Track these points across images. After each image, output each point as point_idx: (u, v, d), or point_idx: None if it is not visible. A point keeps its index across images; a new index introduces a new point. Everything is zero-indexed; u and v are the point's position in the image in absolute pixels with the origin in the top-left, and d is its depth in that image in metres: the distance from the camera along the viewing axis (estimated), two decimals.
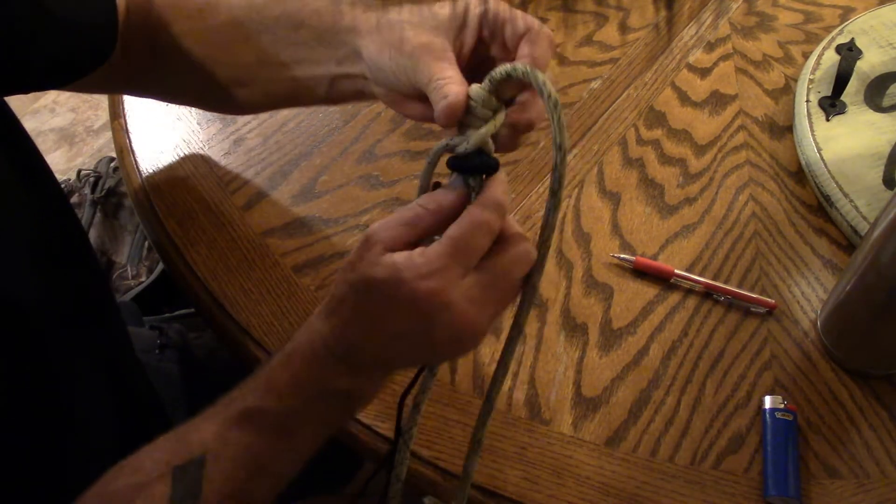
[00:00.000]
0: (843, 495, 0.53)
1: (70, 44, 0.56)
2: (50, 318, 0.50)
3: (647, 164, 0.72)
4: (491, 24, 0.48)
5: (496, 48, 0.49)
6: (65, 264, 0.55)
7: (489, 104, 0.44)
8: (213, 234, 0.65)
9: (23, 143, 0.54)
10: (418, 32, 0.48)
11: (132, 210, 1.16)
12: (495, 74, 0.43)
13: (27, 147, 0.54)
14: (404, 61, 0.48)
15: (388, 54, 0.49)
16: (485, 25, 0.48)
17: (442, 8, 0.49)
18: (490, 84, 0.43)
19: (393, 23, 0.50)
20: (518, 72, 0.42)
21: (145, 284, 1.10)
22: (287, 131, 0.73)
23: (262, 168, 0.70)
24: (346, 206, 0.68)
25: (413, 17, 0.49)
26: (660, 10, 0.88)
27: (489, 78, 0.43)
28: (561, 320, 0.61)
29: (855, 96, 0.75)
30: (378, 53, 0.50)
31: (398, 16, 0.50)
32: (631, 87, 0.79)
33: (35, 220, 0.52)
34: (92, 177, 1.25)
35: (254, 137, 0.73)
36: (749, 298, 0.62)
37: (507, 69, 0.43)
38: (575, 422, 0.56)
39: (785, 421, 0.55)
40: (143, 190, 0.68)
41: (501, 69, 0.43)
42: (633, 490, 0.52)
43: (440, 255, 0.41)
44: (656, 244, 0.66)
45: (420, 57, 0.47)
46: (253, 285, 0.62)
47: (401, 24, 0.49)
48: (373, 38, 0.51)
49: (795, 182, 0.71)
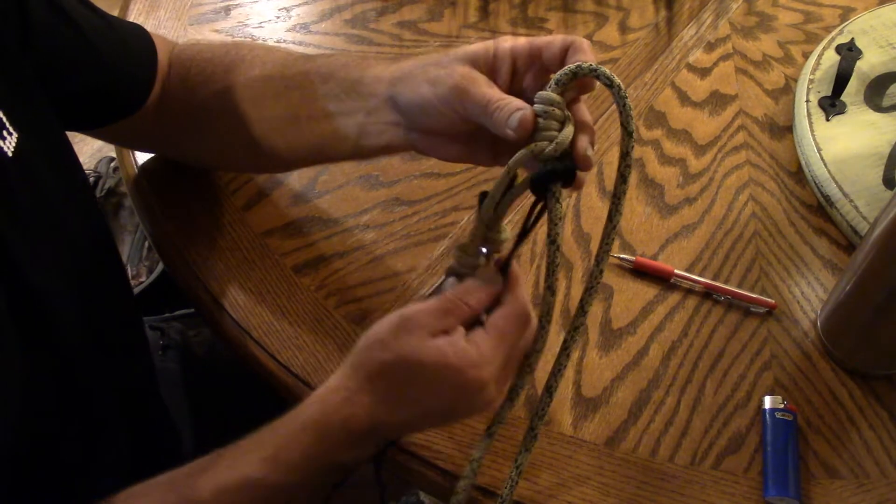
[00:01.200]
0: (842, 495, 0.52)
1: (109, 86, 0.57)
2: (72, 310, 0.51)
3: (647, 164, 0.72)
4: (524, 54, 0.48)
5: (530, 77, 0.49)
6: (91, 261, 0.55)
7: (559, 106, 0.44)
8: (213, 234, 0.65)
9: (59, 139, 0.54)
10: (455, 68, 0.48)
11: (132, 210, 1.16)
12: (561, 76, 0.44)
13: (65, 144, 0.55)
14: (449, 94, 0.48)
15: (431, 91, 0.49)
16: (517, 57, 0.48)
17: (470, 45, 0.50)
18: (557, 86, 0.44)
19: (426, 65, 0.50)
20: (584, 69, 0.43)
21: (145, 284, 1.10)
22: None
23: None
24: (346, 206, 0.68)
25: (444, 56, 0.50)
26: (660, 10, 0.88)
27: (555, 81, 0.44)
28: (561, 320, 0.61)
29: (855, 96, 0.75)
30: (417, 95, 0.50)
31: (428, 58, 0.50)
32: (631, 87, 0.79)
33: (68, 214, 0.52)
34: (92, 177, 1.25)
35: None
36: (749, 298, 0.62)
37: (572, 68, 0.43)
38: (575, 422, 0.56)
39: (785, 421, 0.54)
40: (143, 190, 0.68)
41: (566, 70, 0.43)
42: (633, 490, 0.52)
43: (491, 348, 0.45)
44: (656, 244, 0.66)
45: (467, 87, 0.47)
46: (253, 285, 0.62)
47: (435, 65, 0.50)
48: (407, 83, 0.51)
49: (795, 182, 0.71)
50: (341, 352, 0.58)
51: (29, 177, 0.47)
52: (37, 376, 0.47)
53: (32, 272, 0.46)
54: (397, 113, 0.52)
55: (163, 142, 0.66)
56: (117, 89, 0.58)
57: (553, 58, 0.47)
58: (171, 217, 0.66)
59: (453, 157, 0.52)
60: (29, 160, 0.47)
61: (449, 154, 0.53)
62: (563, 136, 0.44)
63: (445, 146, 0.52)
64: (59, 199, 0.51)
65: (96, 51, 0.55)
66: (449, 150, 0.52)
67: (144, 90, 0.59)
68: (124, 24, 0.59)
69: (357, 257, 0.64)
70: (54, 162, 0.51)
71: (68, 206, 0.52)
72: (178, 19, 0.82)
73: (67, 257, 0.51)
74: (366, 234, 0.65)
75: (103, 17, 0.57)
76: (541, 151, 0.44)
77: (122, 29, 0.59)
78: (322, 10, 0.85)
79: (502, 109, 0.45)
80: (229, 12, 0.84)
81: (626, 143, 0.44)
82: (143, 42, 0.60)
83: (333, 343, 0.59)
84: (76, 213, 0.54)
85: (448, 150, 0.52)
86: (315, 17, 0.84)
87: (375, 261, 0.64)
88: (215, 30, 0.82)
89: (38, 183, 0.49)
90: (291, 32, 0.82)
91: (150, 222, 0.66)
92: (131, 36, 0.59)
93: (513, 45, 0.48)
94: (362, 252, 0.64)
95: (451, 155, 0.52)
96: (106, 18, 0.57)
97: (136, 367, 0.64)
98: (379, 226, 0.66)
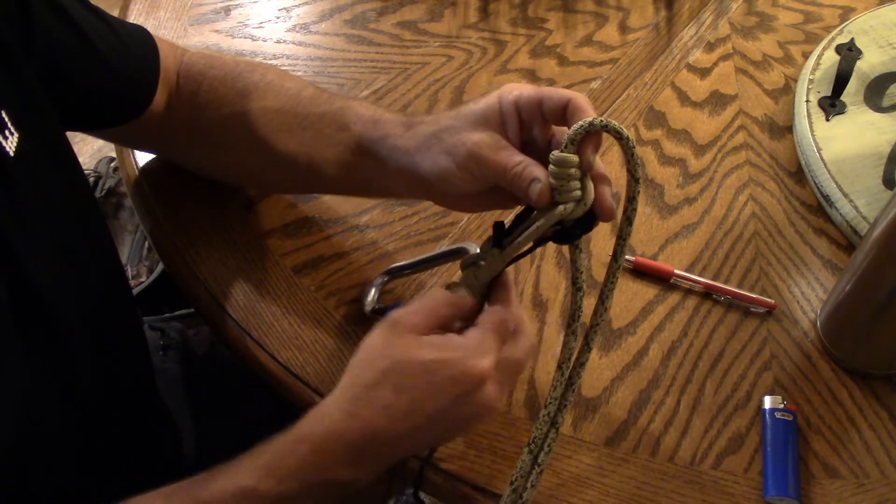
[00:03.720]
0: (842, 495, 0.52)
1: (110, 89, 0.57)
2: (72, 309, 0.51)
3: (647, 164, 0.72)
4: (526, 106, 0.49)
5: (537, 129, 0.50)
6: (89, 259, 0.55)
7: (576, 165, 0.45)
8: (213, 234, 0.65)
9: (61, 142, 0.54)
10: (467, 133, 0.50)
11: (132, 210, 1.16)
12: (574, 134, 0.45)
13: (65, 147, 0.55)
14: (466, 162, 0.49)
15: (449, 161, 0.50)
16: (522, 110, 0.49)
17: (476, 103, 0.50)
18: (572, 145, 0.45)
19: (439, 132, 0.51)
20: (596, 125, 0.44)
21: (145, 284, 1.10)
22: None
23: None
24: (346, 206, 0.68)
25: (455, 122, 0.51)
26: (660, 10, 0.88)
27: (569, 140, 0.45)
28: (561, 320, 0.61)
29: (855, 96, 0.75)
30: (436, 165, 0.51)
31: (439, 124, 0.51)
32: (631, 88, 0.79)
33: (64, 212, 0.52)
34: (92, 177, 1.25)
35: None
36: (749, 299, 0.62)
37: (584, 126, 0.44)
38: (575, 422, 0.56)
39: (785, 421, 0.54)
40: (143, 190, 0.68)
41: (578, 128, 0.45)
42: (632, 490, 0.52)
43: (483, 340, 0.45)
44: (656, 244, 0.66)
45: (482, 154, 0.49)
46: (253, 285, 0.62)
47: (447, 131, 0.51)
48: (426, 155, 0.52)
49: (795, 182, 0.71)
50: (341, 352, 0.58)
51: (30, 176, 0.47)
52: (36, 375, 0.47)
53: (34, 270, 0.46)
54: (417, 178, 0.53)
55: (166, 148, 0.66)
56: (119, 93, 0.58)
57: (552, 112, 0.48)
58: (171, 217, 0.66)
59: (475, 209, 0.54)
60: (30, 160, 0.47)
61: (470, 207, 0.56)
62: (587, 196, 0.46)
63: (466, 202, 0.54)
64: (60, 199, 0.51)
65: (98, 54, 0.55)
66: (469, 204, 0.54)
67: (147, 94, 0.59)
68: (127, 27, 0.59)
69: (357, 257, 0.64)
70: (55, 163, 0.51)
71: (68, 205, 0.52)
72: (177, 19, 0.82)
73: (67, 257, 0.51)
74: (366, 234, 0.65)
75: (105, 19, 0.57)
76: (570, 213, 0.46)
77: (125, 32, 0.59)
78: (322, 11, 0.85)
79: (520, 176, 0.47)
80: (229, 12, 0.84)
81: (632, 188, 0.46)
82: (146, 47, 0.60)
83: (333, 343, 0.59)
84: (76, 214, 0.54)
85: (469, 204, 0.54)
86: (315, 18, 0.84)
87: (375, 261, 0.64)
88: (215, 30, 0.82)
89: (39, 183, 0.49)
90: (291, 32, 0.82)
91: (150, 223, 0.66)
92: (134, 40, 0.59)
93: (517, 99, 0.49)
94: (362, 252, 0.64)
95: (473, 208, 0.55)
96: (108, 21, 0.57)
97: (134, 366, 0.64)
98: (379, 226, 0.66)
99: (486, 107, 0.50)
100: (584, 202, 0.45)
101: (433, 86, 0.78)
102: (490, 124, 0.50)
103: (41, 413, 0.48)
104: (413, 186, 0.54)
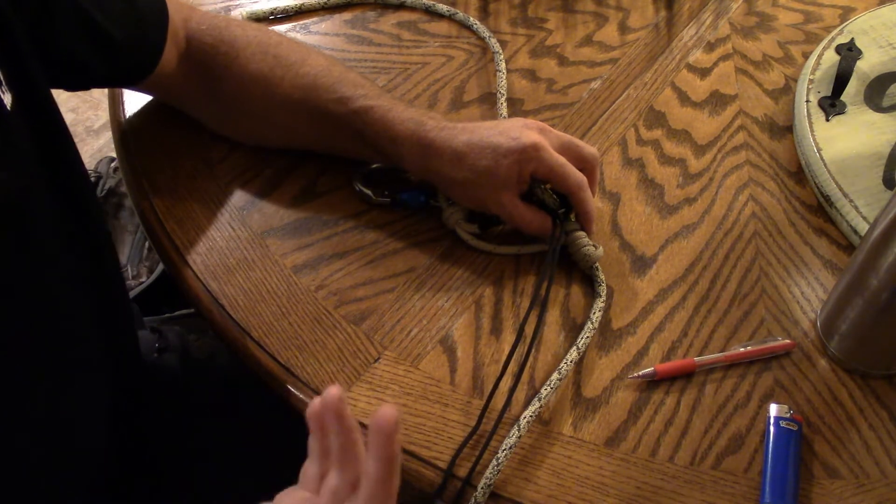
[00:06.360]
0: (842, 496, 0.52)
1: (114, 50, 0.58)
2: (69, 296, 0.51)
3: (647, 165, 0.72)
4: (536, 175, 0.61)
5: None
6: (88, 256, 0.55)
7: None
8: (213, 235, 0.65)
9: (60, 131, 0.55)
10: (497, 196, 0.61)
11: (132, 210, 1.16)
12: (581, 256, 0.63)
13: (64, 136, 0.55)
14: (492, 210, 0.63)
15: (477, 206, 0.63)
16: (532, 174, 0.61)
17: (497, 162, 0.60)
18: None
19: (473, 182, 0.61)
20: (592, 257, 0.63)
21: (145, 285, 1.10)
22: None
23: (262, 168, 0.70)
24: (346, 206, 0.68)
25: (471, 175, 0.60)
26: (660, 10, 0.88)
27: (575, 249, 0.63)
28: (561, 320, 0.61)
29: (855, 96, 0.75)
30: (466, 201, 0.63)
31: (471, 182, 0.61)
32: (631, 88, 0.79)
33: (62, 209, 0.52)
34: (92, 177, 1.25)
35: None
36: (771, 349, 0.59)
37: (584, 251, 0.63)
38: (575, 422, 0.56)
39: (789, 430, 0.54)
40: (143, 190, 0.68)
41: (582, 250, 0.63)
42: (632, 490, 0.52)
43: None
44: (656, 244, 0.66)
45: (510, 212, 0.62)
46: (253, 285, 0.62)
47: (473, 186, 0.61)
48: (454, 193, 0.63)
49: (795, 182, 0.71)
50: (341, 352, 0.58)
51: (25, 134, 0.48)
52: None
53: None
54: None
55: (181, 104, 0.70)
56: (124, 53, 0.59)
57: (563, 187, 0.61)
58: (171, 217, 0.66)
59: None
60: (26, 118, 0.47)
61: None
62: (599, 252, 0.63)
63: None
64: (53, 159, 0.51)
65: (96, 15, 0.55)
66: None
67: (152, 56, 0.61)
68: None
69: (357, 257, 0.64)
70: (48, 124, 0.52)
71: (60, 167, 0.53)
72: None
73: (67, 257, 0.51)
74: (366, 234, 0.66)
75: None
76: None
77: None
78: (322, 11, 0.85)
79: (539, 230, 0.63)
80: (229, 13, 0.84)
81: (600, 303, 0.62)
82: (153, 7, 0.61)
83: (333, 343, 0.59)
84: (67, 174, 0.54)
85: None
86: (315, 18, 0.84)
87: (375, 261, 0.64)
88: None
89: (33, 140, 0.49)
90: (291, 33, 0.82)
91: (150, 223, 0.66)
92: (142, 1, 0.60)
93: (533, 172, 0.60)
94: (362, 252, 0.64)
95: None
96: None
97: (128, 365, 0.63)
98: (379, 226, 0.66)
99: (508, 176, 0.60)
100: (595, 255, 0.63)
101: (433, 86, 0.78)
102: (511, 187, 0.61)
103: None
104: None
